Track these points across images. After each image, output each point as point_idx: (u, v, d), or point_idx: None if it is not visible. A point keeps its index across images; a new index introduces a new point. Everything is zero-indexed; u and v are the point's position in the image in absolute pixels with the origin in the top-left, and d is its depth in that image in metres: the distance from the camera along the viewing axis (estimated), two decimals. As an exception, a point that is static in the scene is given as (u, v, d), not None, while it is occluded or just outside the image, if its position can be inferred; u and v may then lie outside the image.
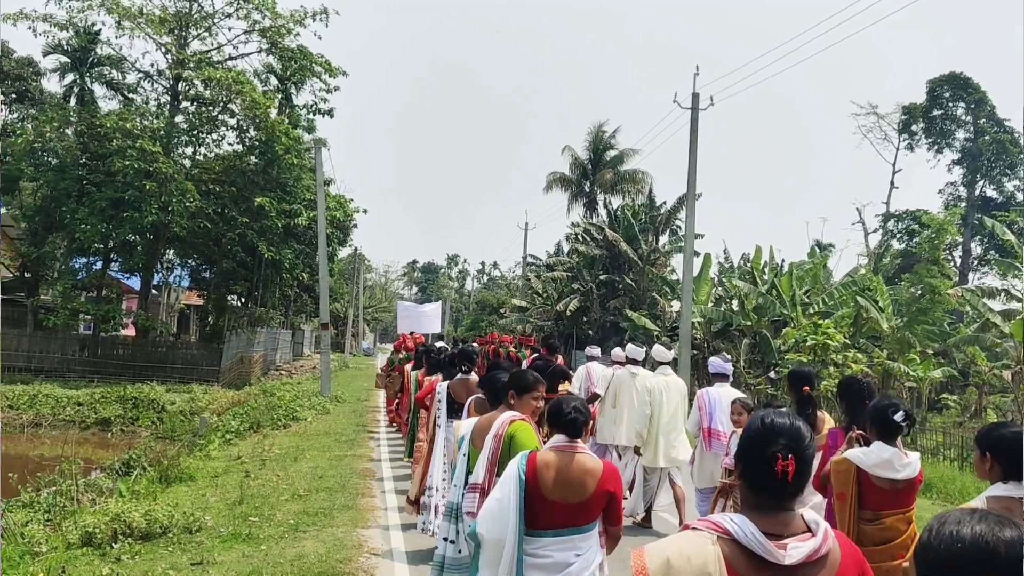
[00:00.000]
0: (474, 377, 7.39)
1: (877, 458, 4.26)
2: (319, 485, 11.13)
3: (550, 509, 3.59)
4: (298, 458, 13.59)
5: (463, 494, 4.51)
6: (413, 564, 7.67)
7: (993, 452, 3.48)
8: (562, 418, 3.73)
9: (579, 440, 3.76)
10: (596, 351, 11.96)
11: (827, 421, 6.13)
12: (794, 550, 2.02)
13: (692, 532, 2.13)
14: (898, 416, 4.27)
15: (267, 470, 12.52)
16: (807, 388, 5.98)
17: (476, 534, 3.67)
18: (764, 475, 2.09)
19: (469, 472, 4.59)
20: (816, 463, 5.35)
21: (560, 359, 12.27)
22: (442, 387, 7.55)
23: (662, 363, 8.95)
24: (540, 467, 3.63)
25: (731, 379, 8.09)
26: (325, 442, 15.56)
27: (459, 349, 8.96)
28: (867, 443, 4.43)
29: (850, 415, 5.23)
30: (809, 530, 2.08)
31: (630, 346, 10.00)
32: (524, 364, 11.97)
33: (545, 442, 4.00)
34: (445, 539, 4.59)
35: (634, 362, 9.59)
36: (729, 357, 8.38)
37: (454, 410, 7.09)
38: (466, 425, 5.11)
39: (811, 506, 5.40)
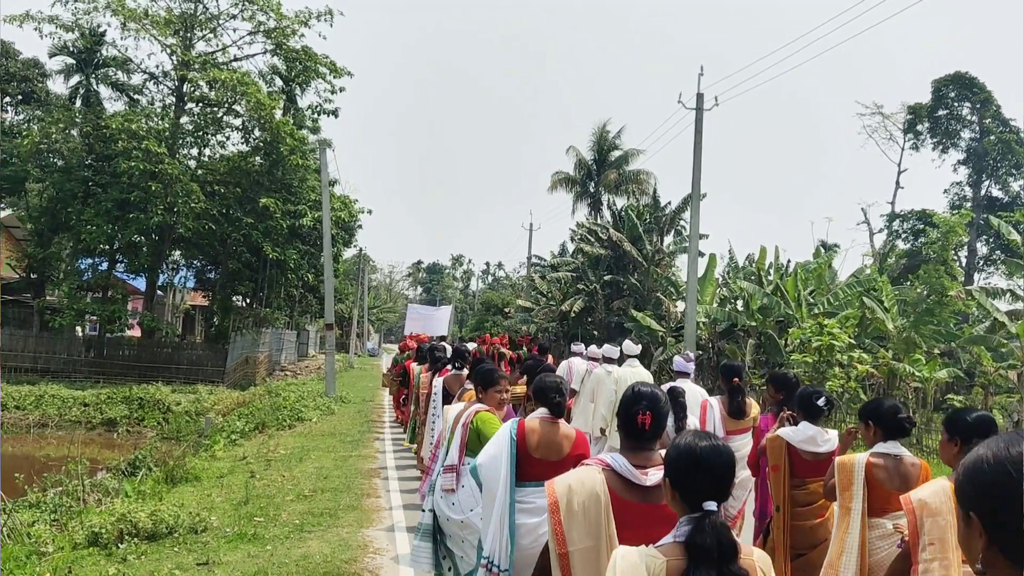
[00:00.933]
0: (465, 372, 8.22)
1: (803, 435, 5.10)
2: (324, 485, 11.15)
3: (534, 464, 4.39)
4: (303, 458, 13.61)
5: (440, 472, 5.28)
6: (418, 564, 7.67)
7: (873, 420, 4.41)
8: (549, 401, 4.51)
9: (560, 418, 4.59)
10: (580, 347, 12.45)
11: (754, 407, 6.87)
12: (652, 476, 2.89)
13: (584, 467, 3.05)
14: (820, 401, 5.11)
15: (272, 470, 12.55)
16: (736, 379, 6.95)
17: (477, 476, 4.49)
18: (632, 425, 3.00)
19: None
20: (747, 443, 6.57)
21: (551, 358, 12.68)
22: (438, 382, 8.48)
23: (630, 356, 10.01)
24: (527, 431, 4.44)
25: (692, 376, 8.56)
26: (330, 442, 15.58)
27: (453, 348, 9.88)
28: (796, 423, 5.22)
29: (785, 402, 5.92)
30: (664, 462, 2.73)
31: (606, 345, 10.67)
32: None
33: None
34: (423, 510, 5.50)
35: (610, 360, 10.23)
36: (692, 356, 9.00)
37: (448, 401, 7.71)
38: (454, 409, 5.93)
39: (738, 482, 6.31)
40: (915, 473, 4.30)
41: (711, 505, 2.29)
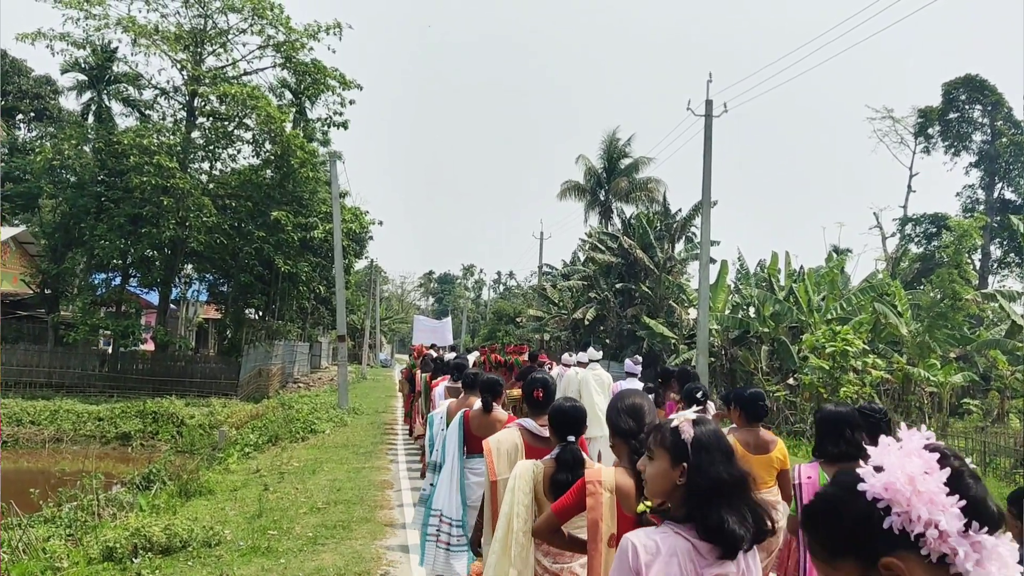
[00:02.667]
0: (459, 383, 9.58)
1: None
2: (337, 498, 11.15)
3: (476, 440, 5.76)
4: (316, 471, 13.62)
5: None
6: (432, 576, 7.66)
7: (737, 404, 5.84)
8: (482, 398, 6.18)
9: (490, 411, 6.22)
10: (566, 357, 13.85)
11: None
12: (546, 429, 4.25)
13: (507, 428, 4.73)
14: (699, 394, 6.49)
15: (285, 483, 12.56)
16: (660, 380, 8.77)
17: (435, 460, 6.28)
18: (531, 398, 4.67)
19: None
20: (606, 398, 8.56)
21: (553, 365, 14.11)
22: (440, 388, 9.65)
23: (593, 360, 11.92)
24: (471, 418, 6.15)
25: (639, 376, 10.60)
26: (343, 454, 15.58)
27: (455, 362, 11.26)
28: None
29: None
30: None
31: (580, 353, 12.98)
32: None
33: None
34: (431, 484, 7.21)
35: (581, 364, 12.25)
36: (639, 360, 11.02)
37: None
38: (442, 406, 7.65)
39: None
40: (770, 437, 5.77)
41: (571, 437, 3.91)
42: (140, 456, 22.43)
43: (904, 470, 1.45)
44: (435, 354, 16.47)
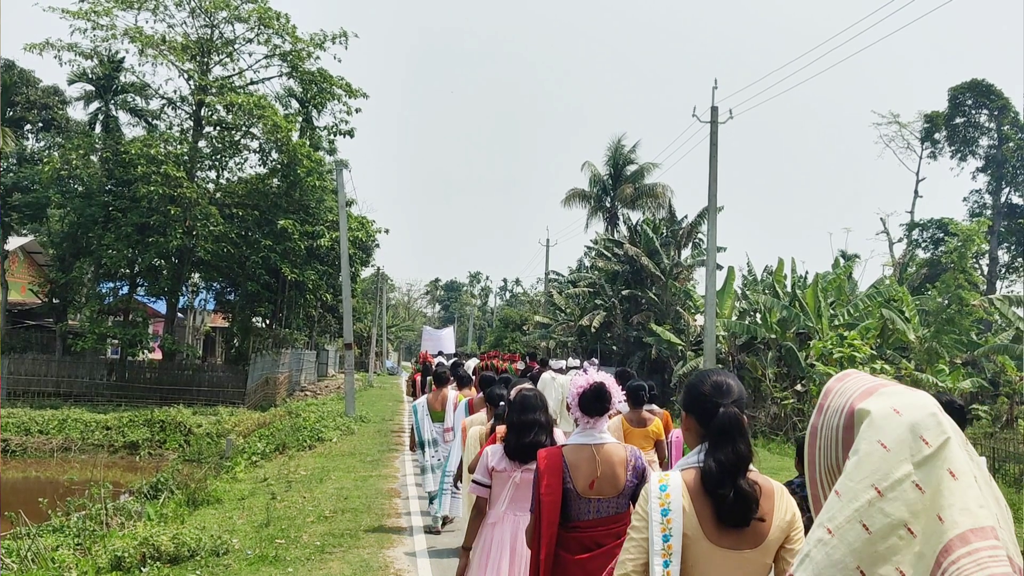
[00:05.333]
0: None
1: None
2: (345, 506, 11.16)
3: (435, 409, 9.11)
4: (323, 479, 13.63)
5: (435, 430, 9.56)
6: (439, 585, 7.66)
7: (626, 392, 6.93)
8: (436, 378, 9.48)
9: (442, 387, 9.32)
10: (556, 362, 15.93)
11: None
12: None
13: (480, 412, 7.54)
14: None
15: (293, 492, 12.57)
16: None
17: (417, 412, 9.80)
18: (490, 393, 6.82)
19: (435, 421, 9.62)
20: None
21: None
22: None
23: (572, 368, 14.55)
24: (430, 396, 9.14)
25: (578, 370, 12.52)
26: (350, 463, 15.59)
27: (451, 365, 12.89)
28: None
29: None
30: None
31: (564, 361, 15.39)
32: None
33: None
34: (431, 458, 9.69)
35: (560, 371, 14.31)
36: (595, 362, 13.36)
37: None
38: (422, 400, 9.89)
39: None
40: (649, 416, 7.53)
41: (502, 401, 5.55)
42: (148, 465, 22.47)
43: (581, 379, 3.73)
44: (442, 360, 17.56)
